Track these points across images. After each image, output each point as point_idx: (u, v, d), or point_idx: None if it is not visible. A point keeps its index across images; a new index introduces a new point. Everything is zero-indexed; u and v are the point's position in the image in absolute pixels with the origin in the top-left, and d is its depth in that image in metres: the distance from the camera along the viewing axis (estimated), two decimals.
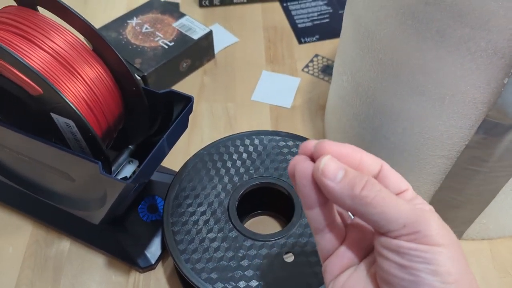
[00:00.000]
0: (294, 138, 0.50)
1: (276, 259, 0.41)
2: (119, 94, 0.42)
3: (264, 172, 0.47)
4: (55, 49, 0.38)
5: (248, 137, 0.50)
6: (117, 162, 0.46)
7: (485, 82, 0.34)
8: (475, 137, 0.38)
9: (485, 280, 0.48)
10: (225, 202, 0.45)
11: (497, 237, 0.50)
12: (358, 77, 0.44)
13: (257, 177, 0.47)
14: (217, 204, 0.45)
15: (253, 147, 0.49)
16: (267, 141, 0.50)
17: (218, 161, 0.48)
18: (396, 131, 0.43)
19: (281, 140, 0.50)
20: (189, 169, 0.48)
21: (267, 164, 0.48)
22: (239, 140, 0.50)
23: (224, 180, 0.47)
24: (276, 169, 0.47)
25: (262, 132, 0.50)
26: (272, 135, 0.50)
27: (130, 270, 0.48)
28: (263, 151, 0.49)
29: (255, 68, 0.68)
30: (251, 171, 0.47)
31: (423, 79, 0.37)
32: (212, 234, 0.43)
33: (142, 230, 0.49)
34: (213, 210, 0.44)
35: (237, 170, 0.47)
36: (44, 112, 0.37)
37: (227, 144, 0.50)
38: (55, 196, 0.46)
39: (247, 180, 0.47)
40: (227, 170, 0.47)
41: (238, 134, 0.50)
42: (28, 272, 0.48)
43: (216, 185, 0.46)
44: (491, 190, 0.42)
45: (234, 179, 0.47)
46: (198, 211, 0.44)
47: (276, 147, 0.49)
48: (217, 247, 0.42)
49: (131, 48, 0.63)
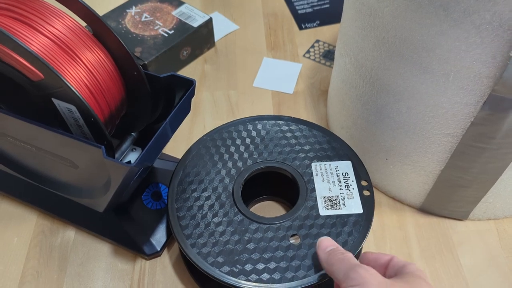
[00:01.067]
0: (297, 122, 0.49)
1: (282, 242, 0.41)
2: (121, 79, 0.41)
3: (268, 156, 0.47)
4: (55, 34, 0.37)
5: (251, 122, 0.50)
6: (120, 150, 0.46)
7: (491, 56, 0.33)
8: (480, 113, 0.37)
9: (492, 260, 0.48)
10: (229, 187, 0.45)
11: (503, 216, 0.50)
12: (361, 58, 0.44)
13: (261, 162, 0.47)
14: (222, 189, 0.45)
15: (256, 132, 0.49)
16: (270, 126, 0.49)
17: (221, 147, 0.48)
18: (400, 110, 0.42)
19: (284, 125, 0.49)
20: (193, 154, 0.48)
21: (271, 148, 0.47)
22: (241, 125, 0.49)
23: (228, 165, 0.46)
24: (280, 153, 0.47)
25: (265, 117, 0.50)
26: (275, 119, 0.50)
27: (136, 258, 0.48)
28: (266, 135, 0.48)
29: (256, 55, 0.68)
30: (254, 156, 0.47)
31: (427, 55, 0.36)
32: (218, 218, 0.43)
33: (146, 218, 0.49)
34: (217, 195, 0.44)
35: (241, 155, 0.47)
36: (46, 98, 0.37)
37: (230, 129, 0.49)
38: (59, 185, 0.46)
39: (251, 165, 0.46)
40: (231, 155, 0.47)
41: (241, 119, 0.50)
42: (34, 262, 0.48)
43: (220, 170, 0.46)
44: (497, 168, 0.42)
45: (238, 164, 0.46)
46: (202, 196, 0.44)
47: (279, 131, 0.49)
48: (222, 231, 0.42)
49: (131, 37, 0.62)
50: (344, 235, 0.41)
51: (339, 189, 0.44)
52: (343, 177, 0.45)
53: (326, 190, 0.44)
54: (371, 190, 0.44)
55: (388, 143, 0.46)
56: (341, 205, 0.43)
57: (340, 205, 0.43)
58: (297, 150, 0.47)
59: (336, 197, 0.43)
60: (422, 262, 0.47)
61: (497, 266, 0.47)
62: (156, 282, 0.46)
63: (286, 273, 0.39)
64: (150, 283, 0.46)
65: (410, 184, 0.48)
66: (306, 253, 0.40)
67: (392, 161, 0.48)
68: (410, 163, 0.46)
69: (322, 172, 0.45)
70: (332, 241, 0.38)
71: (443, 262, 0.47)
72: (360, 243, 0.41)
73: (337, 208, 0.43)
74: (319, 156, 0.47)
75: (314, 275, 0.39)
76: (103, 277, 0.47)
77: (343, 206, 0.43)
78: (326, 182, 0.45)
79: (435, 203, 0.49)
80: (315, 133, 0.48)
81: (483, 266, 0.47)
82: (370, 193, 0.44)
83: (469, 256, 0.48)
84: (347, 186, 0.44)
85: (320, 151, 0.47)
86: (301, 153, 0.47)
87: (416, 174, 0.47)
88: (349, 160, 0.46)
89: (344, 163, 0.46)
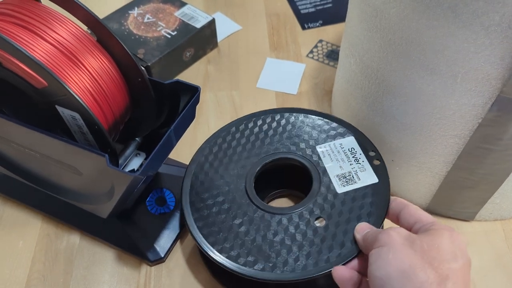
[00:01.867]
0: (292, 112, 0.50)
1: (308, 227, 0.41)
2: (125, 86, 0.41)
3: (273, 150, 0.47)
4: (59, 40, 0.37)
5: (249, 120, 0.50)
6: (124, 155, 0.46)
7: (499, 58, 0.33)
8: (488, 115, 0.37)
9: (499, 260, 0.47)
10: (241, 186, 0.45)
11: (510, 217, 0.50)
12: (366, 59, 0.43)
13: (266, 156, 0.47)
14: (235, 190, 0.45)
15: (258, 128, 0.49)
16: (269, 120, 0.49)
17: (226, 148, 0.48)
18: (407, 112, 0.42)
19: (281, 117, 0.50)
20: (198, 161, 0.47)
21: (274, 142, 0.48)
22: (242, 125, 0.49)
23: (236, 165, 0.46)
24: (283, 144, 0.47)
25: (262, 113, 0.50)
26: (272, 113, 0.50)
27: (141, 262, 0.48)
28: (267, 130, 0.49)
29: (259, 56, 0.68)
30: (260, 152, 0.47)
31: (435, 57, 0.36)
32: (238, 219, 0.42)
33: (150, 223, 0.49)
34: (232, 197, 0.44)
35: (247, 153, 0.47)
36: (50, 105, 0.37)
37: (231, 130, 0.49)
38: (63, 190, 0.46)
39: (257, 161, 0.46)
40: (237, 155, 0.47)
41: (240, 119, 0.50)
42: (39, 266, 0.48)
43: (229, 171, 0.46)
44: (504, 169, 0.42)
45: (245, 162, 0.46)
46: (218, 202, 0.44)
47: (278, 124, 0.49)
48: (246, 231, 0.41)
49: (133, 38, 0.62)
50: (367, 207, 0.41)
51: (349, 164, 0.44)
52: (350, 153, 0.45)
53: (337, 169, 0.44)
54: (380, 159, 0.45)
55: (394, 145, 0.46)
56: (355, 179, 0.43)
57: (354, 179, 0.43)
58: (300, 138, 0.47)
59: (349, 173, 0.44)
60: None
61: (503, 266, 0.47)
62: (162, 285, 0.46)
63: (321, 256, 0.39)
64: (156, 286, 0.46)
65: (417, 185, 0.48)
66: (335, 231, 0.40)
67: (398, 162, 0.47)
68: (416, 164, 0.46)
69: (329, 153, 0.46)
70: (369, 225, 0.39)
71: None
72: (384, 210, 0.41)
73: (353, 183, 0.43)
74: (322, 138, 0.47)
75: (350, 248, 0.39)
76: (109, 280, 0.47)
77: (358, 179, 0.43)
78: (335, 161, 0.45)
79: (442, 204, 0.48)
80: (312, 118, 0.49)
81: (489, 267, 0.47)
82: (380, 161, 0.44)
83: (476, 257, 0.47)
84: (357, 160, 0.45)
85: (322, 134, 0.47)
86: (304, 140, 0.47)
87: (423, 175, 0.46)
88: (351, 136, 0.47)
89: (347, 139, 0.46)
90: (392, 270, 0.32)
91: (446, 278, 0.31)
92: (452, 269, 0.31)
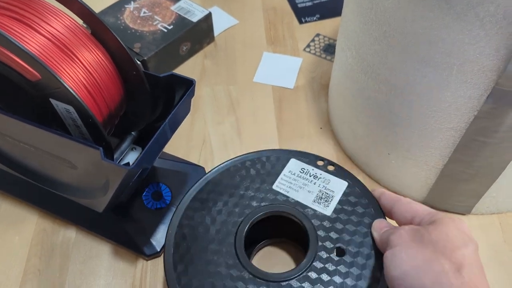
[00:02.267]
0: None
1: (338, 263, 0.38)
2: (120, 79, 0.41)
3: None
4: (53, 33, 0.37)
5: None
6: (119, 149, 0.45)
7: (494, 49, 0.33)
8: (484, 107, 0.37)
9: (495, 254, 0.47)
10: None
11: (506, 211, 0.50)
12: (363, 52, 0.43)
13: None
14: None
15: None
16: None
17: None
18: (402, 104, 0.42)
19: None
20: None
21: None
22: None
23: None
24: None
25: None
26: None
27: (138, 257, 0.48)
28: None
29: (256, 50, 0.67)
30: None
31: (430, 49, 0.36)
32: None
33: (147, 218, 0.49)
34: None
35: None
36: (44, 99, 0.37)
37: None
38: (58, 184, 0.46)
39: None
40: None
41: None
42: (36, 260, 0.47)
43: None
44: (501, 162, 0.42)
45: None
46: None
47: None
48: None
49: (129, 32, 0.62)
50: (362, 209, 0.40)
51: (313, 184, 0.42)
52: (304, 174, 0.43)
53: (308, 195, 0.42)
54: (332, 163, 0.43)
55: (390, 138, 0.46)
56: (331, 194, 0.41)
57: (330, 194, 0.41)
58: (258, 185, 0.43)
59: (320, 191, 0.42)
60: None
61: (500, 260, 0.47)
62: (159, 279, 0.46)
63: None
64: (152, 281, 0.46)
65: (413, 179, 0.48)
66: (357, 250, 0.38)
67: (394, 156, 0.47)
68: (412, 157, 0.46)
69: (289, 185, 0.43)
70: (386, 222, 0.39)
71: None
72: (374, 200, 0.40)
73: (331, 198, 0.41)
74: (268, 177, 0.43)
75: None
76: (105, 275, 0.47)
77: (332, 192, 0.42)
78: (300, 189, 0.42)
79: (438, 197, 0.48)
80: (247, 163, 0.45)
81: (486, 260, 0.46)
82: (333, 166, 0.43)
83: None
84: (315, 177, 0.43)
85: (268, 171, 0.44)
86: (261, 187, 0.43)
87: (419, 169, 0.46)
88: (291, 158, 0.44)
89: (290, 163, 0.44)
90: (407, 267, 0.32)
91: (461, 265, 0.31)
92: (465, 255, 0.32)
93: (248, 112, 0.60)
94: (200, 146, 0.57)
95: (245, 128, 0.59)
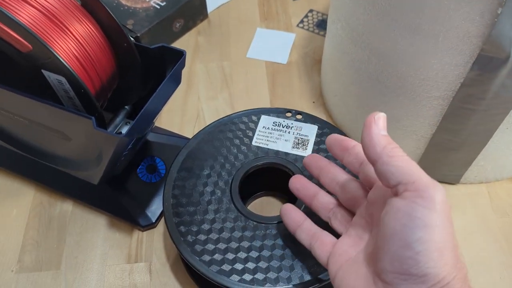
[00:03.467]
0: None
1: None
2: (111, 51, 0.41)
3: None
4: (44, 5, 0.37)
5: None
6: (113, 123, 0.46)
7: (479, 14, 0.33)
8: (470, 74, 0.37)
9: (484, 222, 0.48)
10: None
11: (494, 179, 0.51)
12: (352, 22, 0.44)
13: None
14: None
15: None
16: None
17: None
18: (391, 74, 0.42)
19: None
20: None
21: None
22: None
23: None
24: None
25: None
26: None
27: (133, 228, 0.49)
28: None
29: (249, 26, 0.67)
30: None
31: (416, 16, 0.36)
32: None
33: (141, 191, 0.50)
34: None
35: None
36: (36, 70, 0.37)
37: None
38: (53, 157, 0.47)
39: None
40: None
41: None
42: (33, 233, 0.49)
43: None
44: (487, 130, 0.42)
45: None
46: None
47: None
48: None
49: (122, 9, 0.62)
50: None
51: (288, 133, 0.46)
52: (277, 126, 0.47)
53: (286, 144, 0.45)
54: (300, 112, 0.47)
55: (379, 108, 0.46)
56: (306, 138, 0.45)
57: (305, 139, 0.45)
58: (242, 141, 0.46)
59: (296, 138, 0.46)
60: None
61: (488, 227, 0.48)
62: (154, 249, 0.47)
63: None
64: (148, 251, 0.47)
65: (403, 149, 0.49)
66: None
67: None
68: (402, 127, 0.46)
69: (266, 139, 0.46)
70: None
71: None
72: (341, 134, 0.43)
73: (307, 143, 0.45)
74: (249, 133, 0.47)
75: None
76: (102, 245, 0.48)
77: (307, 137, 0.46)
78: (278, 140, 0.46)
79: (427, 167, 0.48)
80: (235, 121, 0.48)
81: (474, 228, 0.48)
82: (301, 114, 0.47)
83: (461, 218, 0.49)
84: (288, 127, 0.46)
85: (245, 131, 0.47)
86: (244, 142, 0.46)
87: (408, 139, 0.47)
88: (261, 115, 0.48)
89: (262, 120, 0.47)
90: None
91: None
92: None
93: (242, 88, 0.61)
94: (194, 120, 0.58)
95: (239, 103, 0.59)
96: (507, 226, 0.48)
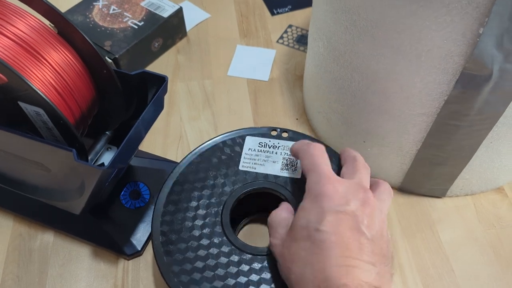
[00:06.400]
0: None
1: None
2: (90, 78, 0.40)
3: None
4: (18, 34, 0.36)
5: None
6: (94, 150, 0.45)
7: (461, 34, 0.33)
8: (453, 92, 0.37)
9: (471, 234, 0.49)
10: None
11: (480, 191, 0.51)
12: (334, 41, 0.43)
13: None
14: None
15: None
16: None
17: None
18: (374, 92, 0.42)
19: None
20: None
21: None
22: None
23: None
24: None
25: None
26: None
27: (118, 257, 0.47)
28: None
29: (229, 43, 0.67)
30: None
31: (398, 37, 0.36)
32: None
33: (126, 217, 0.48)
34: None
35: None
36: (12, 102, 0.36)
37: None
38: (32, 188, 0.45)
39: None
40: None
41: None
42: (13, 267, 0.47)
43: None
44: (472, 145, 0.43)
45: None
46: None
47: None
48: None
49: (99, 30, 0.61)
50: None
51: (275, 154, 0.45)
52: (263, 147, 0.45)
53: (275, 166, 0.44)
54: (284, 130, 0.46)
55: (364, 126, 0.47)
56: (293, 158, 0.44)
57: (293, 159, 0.44)
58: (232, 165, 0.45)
59: (284, 159, 0.44)
60: (403, 241, 0.48)
61: (475, 239, 0.48)
62: (141, 278, 0.46)
63: None
64: (134, 280, 0.46)
65: (388, 165, 0.49)
66: None
67: (369, 143, 0.48)
68: (387, 144, 0.46)
69: (253, 162, 0.44)
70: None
71: (423, 239, 0.48)
72: (331, 152, 0.43)
73: (295, 162, 0.44)
74: (236, 159, 0.45)
75: None
76: (86, 277, 0.46)
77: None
78: (265, 163, 0.44)
79: (414, 182, 0.49)
80: (219, 144, 0.46)
81: (462, 241, 0.48)
82: (287, 132, 0.46)
83: (449, 232, 0.49)
84: (275, 147, 0.45)
85: (232, 156, 0.45)
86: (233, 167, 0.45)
87: (394, 155, 0.47)
88: (246, 135, 0.46)
89: (247, 140, 0.46)
90: None
91: None
92: None
93: (224, 106, 0.60)
94: (177, 142, 0.57)
95: (222, 122, 0.58)
96: (494, 237, 0.48)
